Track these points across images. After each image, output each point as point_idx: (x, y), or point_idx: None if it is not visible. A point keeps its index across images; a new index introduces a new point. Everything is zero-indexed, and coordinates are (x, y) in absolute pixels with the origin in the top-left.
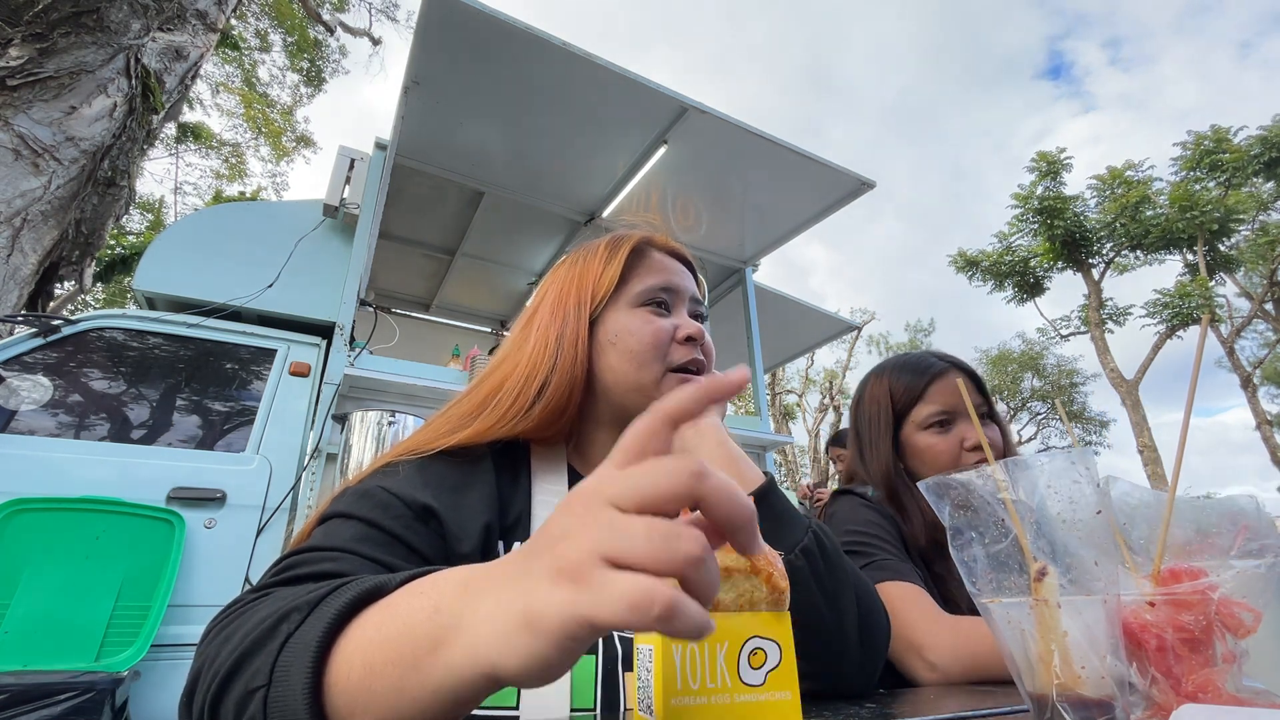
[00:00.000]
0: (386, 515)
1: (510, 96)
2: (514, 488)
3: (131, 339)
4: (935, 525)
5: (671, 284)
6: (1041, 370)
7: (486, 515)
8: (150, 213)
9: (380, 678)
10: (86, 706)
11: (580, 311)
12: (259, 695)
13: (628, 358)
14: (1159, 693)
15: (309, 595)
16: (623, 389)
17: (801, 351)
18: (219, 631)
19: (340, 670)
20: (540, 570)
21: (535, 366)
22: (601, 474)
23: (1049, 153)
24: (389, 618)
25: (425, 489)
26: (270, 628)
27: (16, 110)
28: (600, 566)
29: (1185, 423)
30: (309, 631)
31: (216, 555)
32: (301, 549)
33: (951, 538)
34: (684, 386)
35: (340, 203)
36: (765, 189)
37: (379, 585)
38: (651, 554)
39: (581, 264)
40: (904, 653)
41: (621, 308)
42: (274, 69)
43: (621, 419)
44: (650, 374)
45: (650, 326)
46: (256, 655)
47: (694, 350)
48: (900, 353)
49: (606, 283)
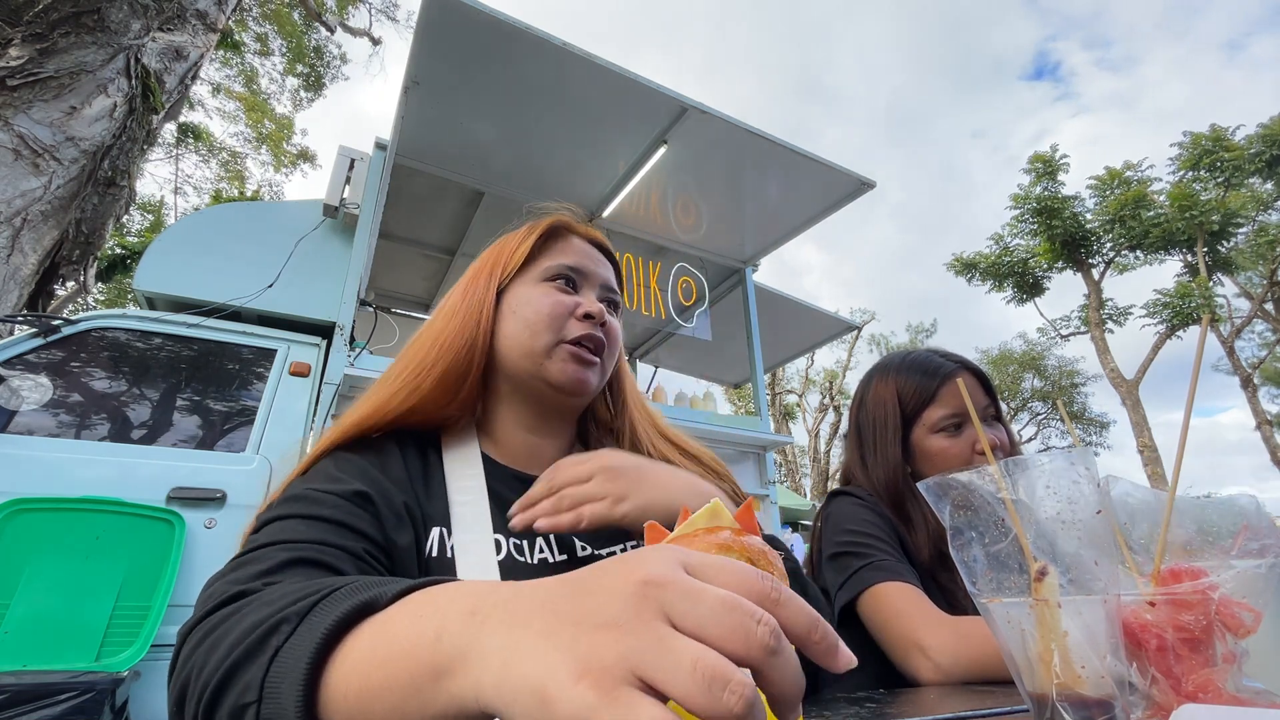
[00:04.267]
0: (323, 508)
1: (510, 96)
2: (424, 473)
3: (132, 339)
4: (940, 535)
5: (581, 266)
6: (1042, 371)
7: (403, 495)
8: (150, 213)
9: (378, 700)
10: (86, 706)
11: (490, 282)
12: (250, 711)
13: (523, 325)
14: (1159, 693)
15: (298, 603)
16: (515, 355)
17: (801, 351)
18: (203, 638)
19: (335, 689)
20: (569, 646)
21: (440, 334)
22: (662, 568)
23: (1045, 153)
24: (387, 639)
25: (348, 479)
26: (260, 639)
27: (16, 110)
28: (630, 686)
29: (1185, 423)
30: (299, 647)
31: (217, 555)
32: (252, 547)
33: (952, 538)
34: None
35: (340, 203)
36: (765, 189)
37: (371, 600)
38: (690, 696)
39: (501, 243)
40: (906, 653)
41: (528, 282)
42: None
43: (515, 390)
44: (541, 342)
45: (550, 299)
46: (247, 668)
47: (591, 327)
48: (901, 351)
49: (518, 257)
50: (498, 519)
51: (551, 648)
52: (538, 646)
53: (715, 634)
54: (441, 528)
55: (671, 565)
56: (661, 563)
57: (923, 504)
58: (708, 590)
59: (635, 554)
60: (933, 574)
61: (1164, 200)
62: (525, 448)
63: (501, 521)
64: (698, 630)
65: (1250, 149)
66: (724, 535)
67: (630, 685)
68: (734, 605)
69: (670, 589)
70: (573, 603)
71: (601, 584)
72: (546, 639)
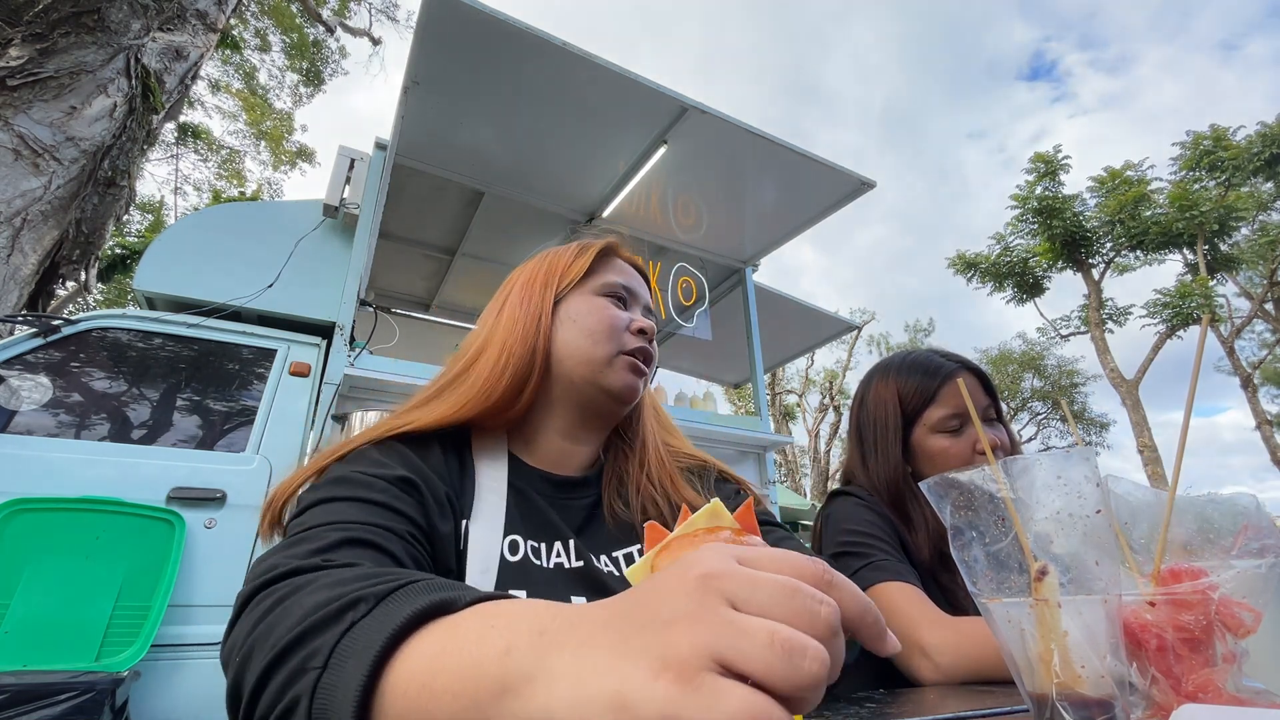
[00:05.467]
0: (371, 491)
1: (510, 96)
2: (460, 470)
3: (131, 339)
4: (940, 536)
5: (631, 286)
6: (1042, 371)
7: (445, 486)
8: (150, 213)
9: (438, 704)
10: (86, 706)
11: (546, 292)
12: (311, 676)
13: (585, 334)
14: (1159, 693)
15: (376, 587)
16: (574, 361)
17: (802, 351)
18: (274, 605)
19: (398, 683)
20: (640, 651)
21: (505, 341)
22: (718, 562)
23: (1046, 153)
24: (456, 645)
25: (393, 465)
26: (336, 611)
27: (16, 110)
28: (712, 672)
29: (1185, 423)
30: (374, 628)
31: (216, 555)
32: (305, 526)
33: (952, 538)
34: None
35: (340, 203)
36: (765, 189)
37: (447, 601)
38: (772, 669)
39: (552, 257)
40: (907, 653)
41: (585, 293)
42: (273, 70)
43: (567, 395)
44: (604, 351)
45: (609, 311)
46: (319, 635)
47: (645, 342)
48: (901, 351)
49: (575, 270)
50: (517, 517)
51: (623, 657)
52: (609, 660)
53: (781, 617)
54: (467, 520)
55: (726, 559)
56: (716, 558)
57: (923, 504)
58: (767, 576)
59: (687, 557)
60: (933, 574)
61: (1164, 200)
62: (558, 452)
63: (521, 520)
64: (764, 615)
65: (1250, 149)
66: (724, 535)
67: (711, 671)
68: (795, 589)
69: (730, 579)
70: (637, 612)
71: (661, 589)
72: (617, 651)
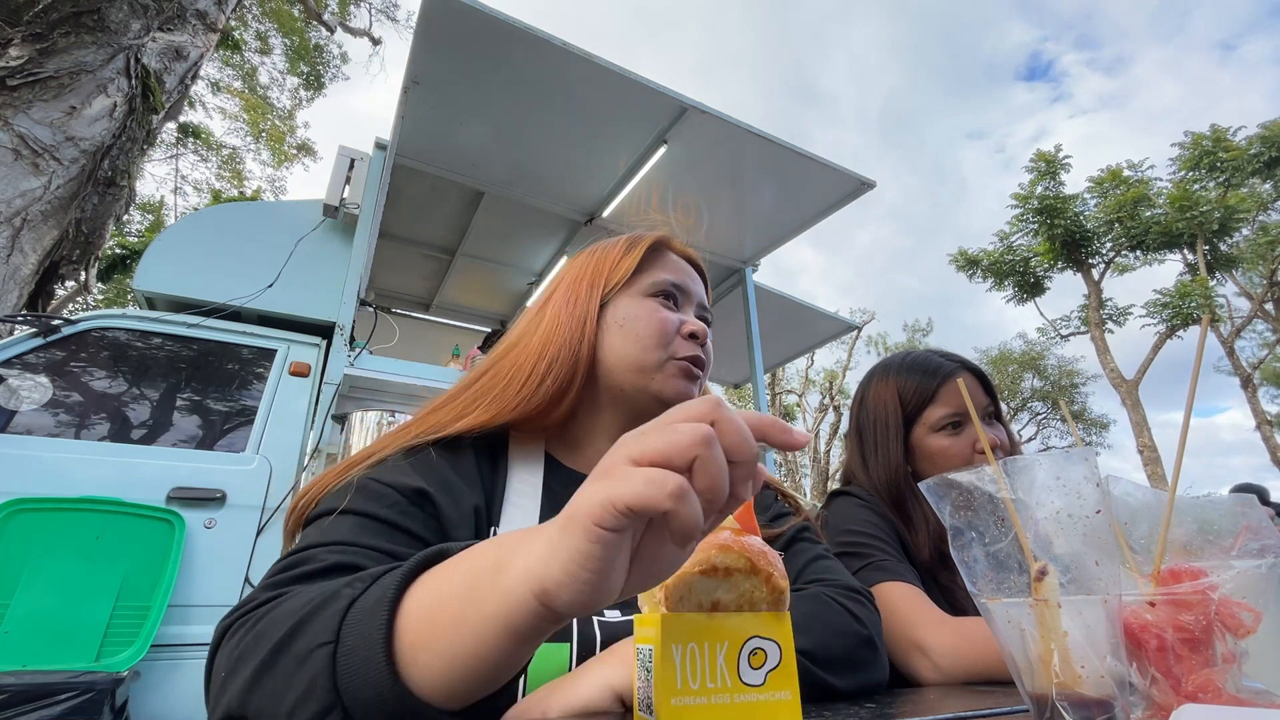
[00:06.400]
0: (381, 505)
1: (510, 96)
2: (494, 474)
3: (131, 339)
4: (940, 535)
5: (683, 283)
6: (1042, 371)
7: (474, 498)
8: (150, 213)
9: (444, 610)
10: (86, 706)
11: (592, 294)
12: (323, 652)
13: (633, 340)
14: (1159, 693)
15: (366, 572)
16: (622, 368)
17: (802, 351)
18: (249, 626)
19: (410, 610)
20: (583, 492)
21: (546, 344)
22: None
23: (1048, 152)
24: (456, 564)
25: (415, 474)
26: (328, 597)
27: (16, 110)
28: (627, 464)
29: (1185, 423)
30: (378, 591)
31: (216, 555)
32: (302, 547)
33: (952, 538)
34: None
35: (340, 203)
36: (765, 189)
37: (444, 549)
38: (668, 446)
39: (600, 253)
40: (907, 653)
41: (633, 295)
42: (274, 72)
43: (616, 402)
44: (653, 358)
45: (659, 314)
46: (315, 620)
47: (696, 347)
48: (901, 351)
49: (622, 270)
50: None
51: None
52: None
53: (660, 448)
54: (495, 528)
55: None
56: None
57: (923, 504)
58: (651, 424)
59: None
60: (933, 574)
61: (1164, 200)
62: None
63: None
64: (651, 453)
65: (1250, 150)
66: (724, 535)
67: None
68: (667, 425)
69: (622, 444)
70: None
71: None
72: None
